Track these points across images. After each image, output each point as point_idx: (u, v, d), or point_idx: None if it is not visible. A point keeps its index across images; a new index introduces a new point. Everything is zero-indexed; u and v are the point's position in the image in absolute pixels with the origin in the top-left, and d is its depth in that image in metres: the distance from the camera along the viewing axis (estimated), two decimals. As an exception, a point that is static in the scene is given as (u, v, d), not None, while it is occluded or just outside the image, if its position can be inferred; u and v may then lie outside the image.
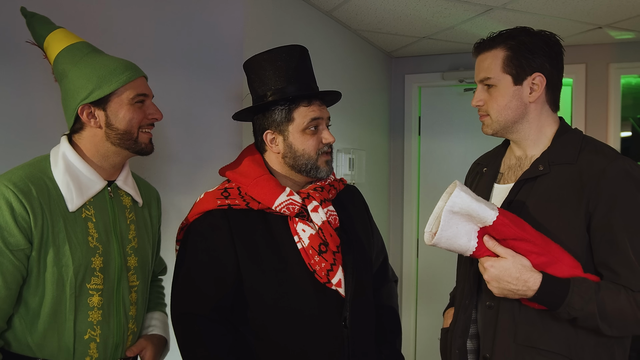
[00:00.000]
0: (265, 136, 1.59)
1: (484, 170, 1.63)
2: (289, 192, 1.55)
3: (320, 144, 1.57)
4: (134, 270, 1.51)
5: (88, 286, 1.39)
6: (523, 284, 1.32)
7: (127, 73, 1.44)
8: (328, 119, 1.61)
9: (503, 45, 1.47)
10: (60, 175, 1.40)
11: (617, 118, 3.52)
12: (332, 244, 1.54)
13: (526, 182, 1.45)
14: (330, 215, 1.58)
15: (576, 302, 1.29)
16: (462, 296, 1.55)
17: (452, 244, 1.36)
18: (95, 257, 1.41)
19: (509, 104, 1.47)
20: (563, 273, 1.33)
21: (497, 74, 1.47)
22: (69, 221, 1.38)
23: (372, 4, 2.77)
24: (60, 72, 1.46)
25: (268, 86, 1.56)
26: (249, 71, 1.63)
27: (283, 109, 1.55)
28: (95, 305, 1.41)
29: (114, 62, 1.45)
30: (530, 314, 1.39)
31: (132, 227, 1.52)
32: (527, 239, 1.33)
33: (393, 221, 4.05)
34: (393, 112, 4.05)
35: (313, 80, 1.63)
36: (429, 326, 3.99)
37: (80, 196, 1.41)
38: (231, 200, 1.54)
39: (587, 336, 1.36)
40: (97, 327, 1.41)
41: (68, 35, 1.50)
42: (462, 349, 1.51)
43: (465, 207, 1.32)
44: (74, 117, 1.44)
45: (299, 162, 1.56)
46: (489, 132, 1.53)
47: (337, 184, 1.70)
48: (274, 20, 2.39)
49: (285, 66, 1.56)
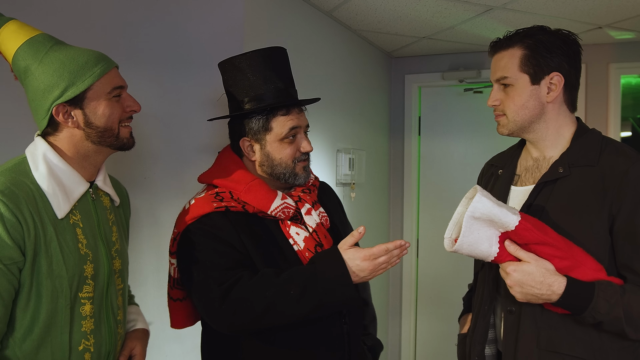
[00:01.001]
0: (242, 143, 1.57)
1: (499, 172, 1.60)
2: (282, 196, 1.55)
3: (297, 152, 1.56)
4: (119, 274, 1.43)
5: (80, 295, 1.31)
6: (547, 288, 1.30)
7: (101, 65, 1.32)
8: (307, 126, 1.59)
9: (520, 44, 1.44)
10: (43, 179, 1.28)
11: (617, 118, 3.52)
12: (327, 245, 1.55)
13: (546, 185, 1.43)
14: (322, 217, 1.60)
15: (602, 307, 1.27)
16: (482, 302, 1.53)
17: (474, 250, 1.34)
18: (87, 265, 1.31)
19: (527, 104, 1.44)
20: (587, 277, 1.31)
21: (514, 73, 1.44)
22: (59, 229, 1.28)
23: (372, 4, 2.77)
24: (22, 70, 1.32)
25: (245, 92, 1.54)
26: (225, 73, 1.59)
27: (260, 118, 1.53)
28: (88, 314, 1.32)
29: (84, 54, 1.32)
30: (553, 319, 1.37)
31: (114, 229, 1.44)
32: (550, 242, 1.31)
33: (393, 221, 4.05)
34: (393, 112, 4.04)
35: (291, 85, 1.60)
36: (429, 328, 3.99)
37: (67, 201, 1.30)
38: (227, 203, 1.51)
39: (611, 340, 1.34)
40: (90, 337, 1.33)
41: (23, 27, 1.35)
42: (482, 356, 1.50)
43: (486, 213, 1.30)
44: (47, 119, 1.31)
45: (276, 171, 1.55)
46: (505, 132, 1.51)
47: (316, 183, 1.71)
48: (274, 20, 2.38)
49: (262, 70, 1.53)
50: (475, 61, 3.77)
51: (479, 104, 3.89)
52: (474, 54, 3.77)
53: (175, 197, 2.11)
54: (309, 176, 1.61)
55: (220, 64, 1.60)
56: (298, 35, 2.58)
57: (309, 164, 1.61)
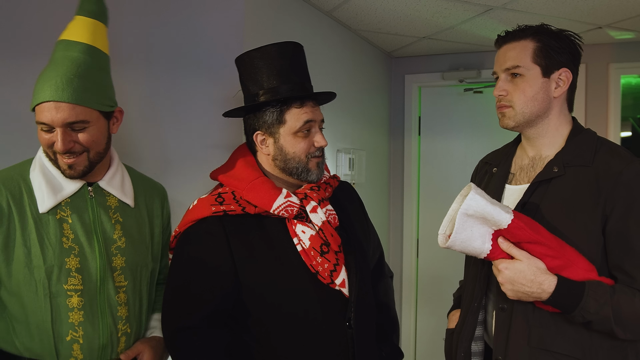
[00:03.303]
0: (256, 137, 1.54)
1: (494, 170, 1.61)
2: (286, 194, 1.51)
3: (311, 147, 1.52)
4: (120, 271, 1.48)
5: (65, 287, 1.38)
6: (538, 287, 1.31)
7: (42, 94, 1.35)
8: (322, 121, 1.56)
9: (533, 37, 1.45)
10: (35, 177, 1.41)
11: (617, 118, 3.52)
12: (334, 244, 1.51)
13: (540, 184, 1.43)
14: (329, 215, 1.54)
15: (591, 306, 1.28)
16: (472, 298, 1.53)
17: (467, 247, 1.36)
18: (70, 258, 1.40)
19: (536, 96, 1.44)
20: (578, 276, 1.31)
21: (527, 63, 1.44)
22: (41, 222, 1.39)
23: (372, 4, 2.77)
24: None
25: (260, 85, 1.52)
26: (241, 67, 1.58)
27: (274, 111, 1.50)
28: (75, 307, 1.39)
29: (44, 75, 1.39)
30: (544, 317, 1.38)
31: (118, 227, 1.50)
32: (542, 242, 1.32)
33: (393, 221, 4.05)
34: (393, 112, 4.05)
35: (307, 79, 1.58)
36: (429, 326, 3.99)
37: (52, 197, 1.40)
38: (226, 206, 1.48)
39: (601, 339, 1.35)
40: (79, 329, 1.39)
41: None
42: (468, 352, 1.51)
43: (479, 210, 1.31)
44: None
45: (289, 165, 1.52)
46: (510, 125, 1.49)
47: (333, 181, 1.67)
48: (274, 20, 2.39)
49: (278, 64, 1.51)
50: (475, 61, 3.77)
51: (479, 104, 3.89)
52: (474, 54, 3.77)
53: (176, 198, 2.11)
54: (322, 174, 1.57)
55: (237, 58, 1.59)
56: (298, 35, 2.58)
57: (322, 161, 1.57)
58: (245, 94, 1.58)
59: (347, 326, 1.52)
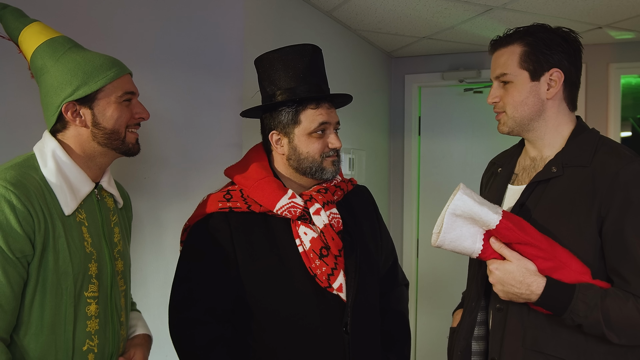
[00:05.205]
0: (271, 136, 1.56)
1: (499, 171, 1.61)
2: (291, 195, 1.52)
3: (326, 148, 1.53)
4: (121, 275, 1.45)
5: (86, 294, 1.31)
6: (526, 288, 1.30)
7: (114, 69, 1.36)
8: (337, 123, 1.57)
9: (520, 41, 1.44)
10: (52, 176, 1.30)
11: (617, 118, 3.52)
12: (334, 248, 1.51)
13: (538, 185, 1.43)
14: (332, 218, 1.55)
15: (580, 309, 1.26)
16: (470, 298, 1.53)
17: (457, 246, 1.36)
18: (92, 263, 1.32)
19: (526, 100, 1.43)
20: (570, 278, 1.30)
21: (513, 70, 1.43)
22: (67, 225, 1.29)
23: (372, 4, 2.77)
24: (39, 68, 1.35)
25: (277, 85, 1.53)
26: (259, 68, 1.60)
27: (290, 111, 1.52)
28: (93, 314, 1.32)
29: (99, 58, 1.37)
30: (539, 319, 1.36)
31: (117, 230, 1.46)
32: (532, 243, 1.31)
33: (393, 221, 4.05)
34: (393, 112, 4.05)
35: (324, 81, 1.59)
36: (429, 327, 3.99)
37: (74, 198, 1.32)
38: (232, 203, 1.52)
39: (597, 344, 1.32)
40: (94, 337, 1.33)
41: (46, 28, 1.40)
42: (465, 351, 1.50)
43: (467, 211, 1.31)
44: (56, 115, 1.34)
45: (303, 165, 1.53)
46: (505, 130, 1.50)
47: (345, 185, 1.67)
48: (274, 20, 2.39)
49: (295, 66, 1.52)
50: (475, 61, 3.77)
51: (479, 104, 3.89)
52: (474, 54, 3.77)
53: (177, 198, 2.11)
54: (337, 172, 1.58)
55: (257, 59, 1.60)
56: (298, 35, 2.58)
57: (338, 160, 1.58)
58: (263, 94, 1.60)
59: (343, 331, 1.51)
